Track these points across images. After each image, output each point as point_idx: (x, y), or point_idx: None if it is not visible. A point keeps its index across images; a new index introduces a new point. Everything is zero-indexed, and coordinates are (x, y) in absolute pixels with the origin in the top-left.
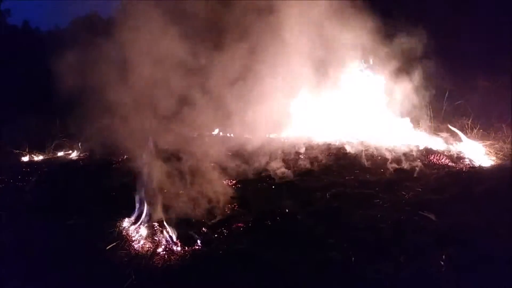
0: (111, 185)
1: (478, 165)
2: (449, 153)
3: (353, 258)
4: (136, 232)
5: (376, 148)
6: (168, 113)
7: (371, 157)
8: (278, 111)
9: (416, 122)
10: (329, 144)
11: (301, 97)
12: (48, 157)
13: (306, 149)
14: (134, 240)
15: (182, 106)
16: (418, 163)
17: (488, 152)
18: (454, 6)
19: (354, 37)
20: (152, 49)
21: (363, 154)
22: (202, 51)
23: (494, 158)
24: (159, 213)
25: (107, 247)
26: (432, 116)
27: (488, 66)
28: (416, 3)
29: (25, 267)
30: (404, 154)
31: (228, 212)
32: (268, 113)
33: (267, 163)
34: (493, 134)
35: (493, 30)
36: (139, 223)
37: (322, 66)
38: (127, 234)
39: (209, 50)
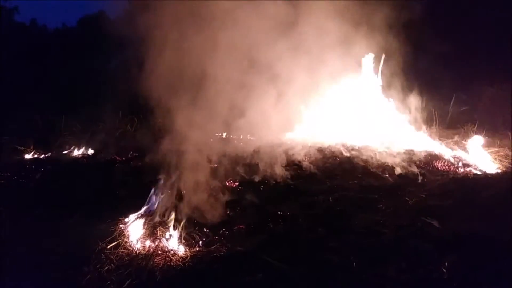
0: (114, 184)
1: (482, 171)
2: (454, 159)
3: (354, 263)
4: (138, 231)
5: (380, 153)
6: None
7: (375, 162)
8: (282, 114)
9: (421, 127)
10: (333, 147)
11: (306, 100)
12: (52, 155)
13: (310, 152)
14: (135, 240)
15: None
16: (422, 168)
17: (493, 159)
18: (460, 12)
19: (360, 39)
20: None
21: (367, 158)
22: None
23: (498, 165)
24: (161, 213)
25: (108, 246)
26: (437, 122)
27: (494, 72)
28: (424, 7)
29: (26, 265)
30: (409, 160)
31: (230, 213)
32: (272, 115)
33: (270, 165)
34: (498, 141)
35: (500, 36)
36: (141, 222)
37: (328, 69)
38: (129, 233)
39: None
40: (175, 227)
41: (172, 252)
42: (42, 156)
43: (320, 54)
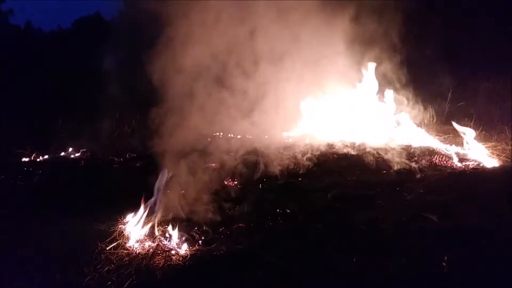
0: (113, 184)
1: (480, 166)
2: (452, 154)
3: (354, 259)
4: (137, 231)
5: (378, 149)
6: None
7: (373, 158)
8: (280, 112)
9: (418, 123)
10: (331, 144)
11: (304, 98)
12: (50, 157)
13: (308, 149)
14: (135, 240)
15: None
16: (421, 164)
17: (491, 154)
18: (457, 8)
19: (356, 37)
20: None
21: (365, 155)
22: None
23: (496, 159)
24: (161, 213)
25: (108, 247)
26: (434, 117)
27: (490, 67)
28: (420, 5)
29: (25, 267)
30: (407, 155)
31: (229, 212)
32: (270, 113)
33: (269, 163)
34: (495, 136)
35: (496, 31)
36: (140, 222)
37: (326, 67)
38: (128, 233)
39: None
40: (174, 226)
41: (172, 251)
42: (40, 158)
43: (319, 53)
